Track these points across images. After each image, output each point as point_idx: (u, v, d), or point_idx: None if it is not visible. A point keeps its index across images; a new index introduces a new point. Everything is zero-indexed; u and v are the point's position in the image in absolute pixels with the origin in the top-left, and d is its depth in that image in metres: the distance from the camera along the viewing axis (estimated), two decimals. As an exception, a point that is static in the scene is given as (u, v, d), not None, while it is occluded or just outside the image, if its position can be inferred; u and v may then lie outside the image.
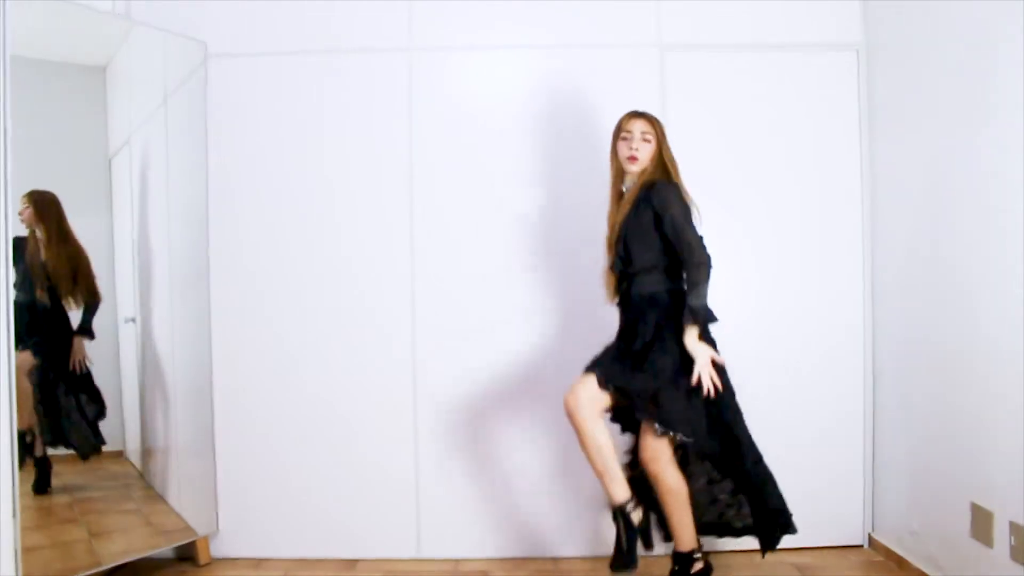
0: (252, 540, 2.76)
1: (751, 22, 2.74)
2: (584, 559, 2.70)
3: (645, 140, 2.22)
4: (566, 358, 2.56)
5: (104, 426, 2.55)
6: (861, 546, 2.75)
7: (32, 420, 2.40)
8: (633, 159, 2.21)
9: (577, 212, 2.71)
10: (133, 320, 2.56)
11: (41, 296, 2.37)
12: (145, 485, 2.62)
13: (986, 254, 2.12)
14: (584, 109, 2.72)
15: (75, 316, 2.46)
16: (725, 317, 2.71)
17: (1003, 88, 2.03)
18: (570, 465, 2.71)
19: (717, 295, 2.71)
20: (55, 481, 2.38)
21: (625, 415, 2.25)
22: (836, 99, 2.75)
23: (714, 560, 2.27)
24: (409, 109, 2.74)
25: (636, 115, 2.25)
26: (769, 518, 2.20)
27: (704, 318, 2.13)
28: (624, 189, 2.29)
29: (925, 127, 2.40)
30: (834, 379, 2.75)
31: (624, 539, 2.12)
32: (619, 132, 2.26)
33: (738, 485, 2.22)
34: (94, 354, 2.50)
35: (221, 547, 2.76)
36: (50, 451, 2.37)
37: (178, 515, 2.65)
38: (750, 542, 2.72)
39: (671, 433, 2.08)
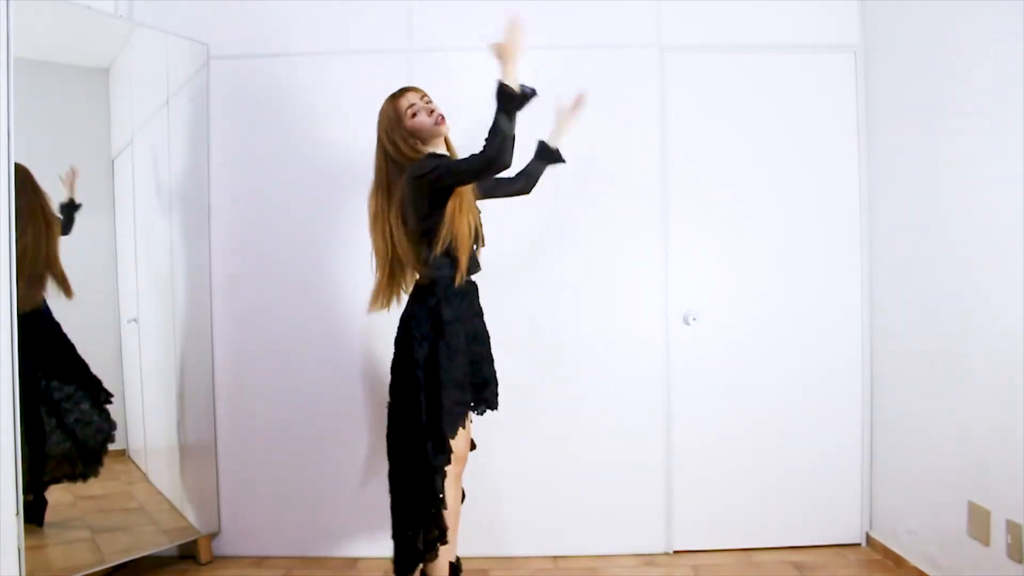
0: (253, 539, 2.77)
1: (751, 23, 2.75)
2: (582, 557, 2.71)
3: (429, 102, 2.07)
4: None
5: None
6: (859, 544, 2.76)
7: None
8: (442, 119, 2.05)
9: (577, 210, 2.73)
10: (135, 320, 2.57)
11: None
12: (147, 484, 2.63)
13: (983, 254, 2.13)
14: (584, 110, 2.73)
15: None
16: (725, 318, 2.76)
17: (1001, 89, 2.05)
18: (569, 464, 2.73)
19: (716, 293, 2.76)
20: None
21: None
22: (834, 100, 2.76)
23: (707, 558, 2.27)
24: (410, 110, 2.75)
25: (407, 89, 2.08)
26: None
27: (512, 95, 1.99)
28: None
29: (923, 129, 2.41)
30: (832, 378, 2.76)
31: None
32: (403, 110, 2.03)
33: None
34: (96, 353, 2.51)
35: (223, 546, 2.77)
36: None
37: (180, 514, 2.66)
38: (742, 540, 2.76)
39: None
